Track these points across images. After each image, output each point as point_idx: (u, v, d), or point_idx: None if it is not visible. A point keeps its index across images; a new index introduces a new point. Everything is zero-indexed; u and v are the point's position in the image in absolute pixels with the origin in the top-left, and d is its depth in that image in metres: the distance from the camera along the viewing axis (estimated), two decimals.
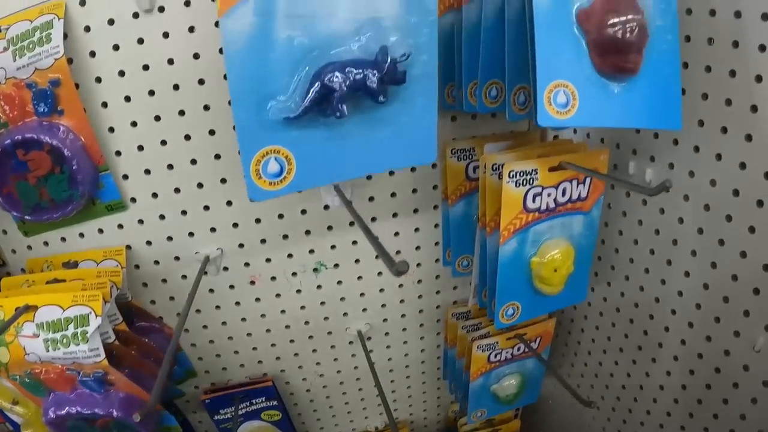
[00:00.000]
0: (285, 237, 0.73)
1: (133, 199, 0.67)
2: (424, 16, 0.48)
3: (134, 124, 0.64)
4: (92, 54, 0.61)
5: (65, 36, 0.58)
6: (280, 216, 0.72)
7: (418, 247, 0.79)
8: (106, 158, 0.65)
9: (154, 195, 0.68)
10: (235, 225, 0.71)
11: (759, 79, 0.51)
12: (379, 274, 0.79)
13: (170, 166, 0.67)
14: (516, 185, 0.61)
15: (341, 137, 0.49)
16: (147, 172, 0.66)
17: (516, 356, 0.81)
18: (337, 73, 0.46)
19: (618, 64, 0.52)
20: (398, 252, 0.78)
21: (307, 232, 0.73)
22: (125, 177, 0.66)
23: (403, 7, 0.47)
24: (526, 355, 0.81)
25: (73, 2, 0.59)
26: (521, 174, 0.60)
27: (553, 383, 0.95)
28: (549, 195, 0.63)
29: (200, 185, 0.68)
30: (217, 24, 0.62)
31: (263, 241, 0.73)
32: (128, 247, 0.70)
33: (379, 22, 0.47)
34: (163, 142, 0.65)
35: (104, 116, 0.63)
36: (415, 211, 0.76)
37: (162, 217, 0.69)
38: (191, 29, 0.61)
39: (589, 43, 0.51)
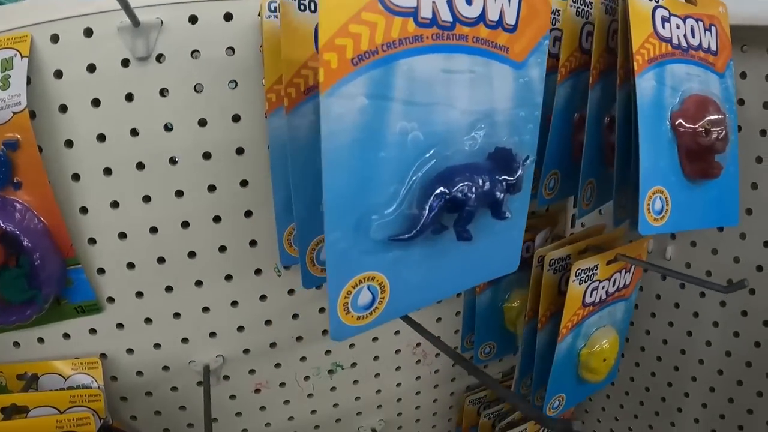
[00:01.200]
0: (299, 339, 0.48)
1: (111, 299, 0.40)
2: (530, 110, 0.30)
3: (115, 204, 0.38)
4: (63, 108, 0.35)
5: (28, 81, 0.33)
6: (295, 316, 0.46)
7: (438, 337, 0.59)
8: (77, 248, 0.38)
9: (139, 294, 0.41)
10: (241, 329, 0.45)
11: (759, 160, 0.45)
12: (398, 368, 0.54)
13: (161, 260, 0.40)
14: (580, 283, 0.42)
15: (438, 255, 0.29)
16: (130, 266, 0.40)
17: None
18: (466, 183, 0.26)
19: (707, 171, 0.37)
20: (418, 344, 0.54)
21: (324, 332, 0.48)
22: (101, 271, 0.39)
23: (514, 99, 0.29)
24: None
25: (42, 36, 0.34)
26: (585, 272, 0.42)
27: None
28: (603, 287, 0.44)
29: (199, 283, 0.42)
30: (233, 83, 0.38)
31: (273, 345, 0.47)
32: (103, 355, 0.42)
33: (492, 117, 0.29)
34: (153, 230, 0.39)
35: (75, 192, 0.37)
36: (439, 300, 0.59)
37: (148, 320, 0.42)
38: (198, 88, 0.37)
39: (680, 146, 0.36)
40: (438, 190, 0.26)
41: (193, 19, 0.36)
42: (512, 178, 0.28)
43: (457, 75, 0.27)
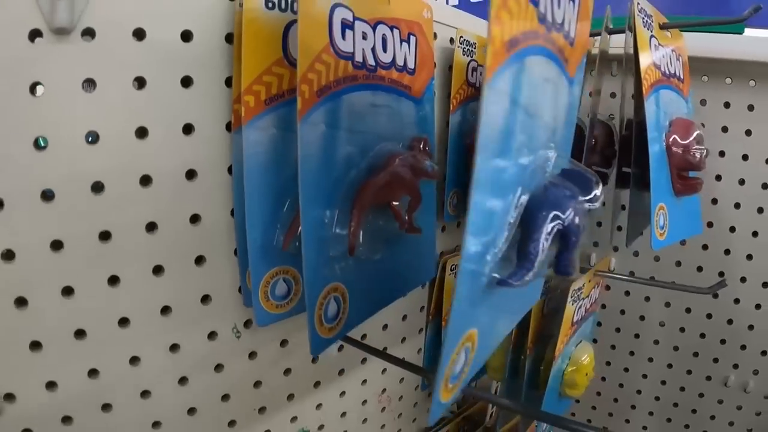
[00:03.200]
0: (262, 411, 0.41)
1: (10, 396, 0.30)
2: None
3: (9, 255, 0.28)
4: None
5: None
6: (257, 384, 0.40)
7: (402, 379, 0.54)
8: None
9: (51, 384, 0.30)
10: (192, 411, 0.37)
11: (719, 178, 0.58)
12: (364, 421, 0.51)
13: (80, 333, 0.30)
14: (573, 303, 0.47)
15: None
16: (36, 345, 0.29)
17: None
18: (570, 209, 0.26)
19: (695, 186, 0.46)
20: (384, 390, 0.52)
21: (290, 397, 0.43)
22: None
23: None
24: None
25: None
26: (577, 291, 0.47)
27: None
28: (583, 306, 0.50)
29: (135, 360, 0.33)
30: (186, 81, 0.31)
31: (232, 423, 0.40)
32: None
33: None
34: (67, 291, 0.29)
35: None
36: (403, 340, 0.52)
37: (67, 420, 0.31)
38: (138, 82, 0.30)
39: (672, 166, 0.44)
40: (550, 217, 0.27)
41: None
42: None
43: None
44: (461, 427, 0.61)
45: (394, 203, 0.34)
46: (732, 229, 0.58)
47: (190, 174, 0.33)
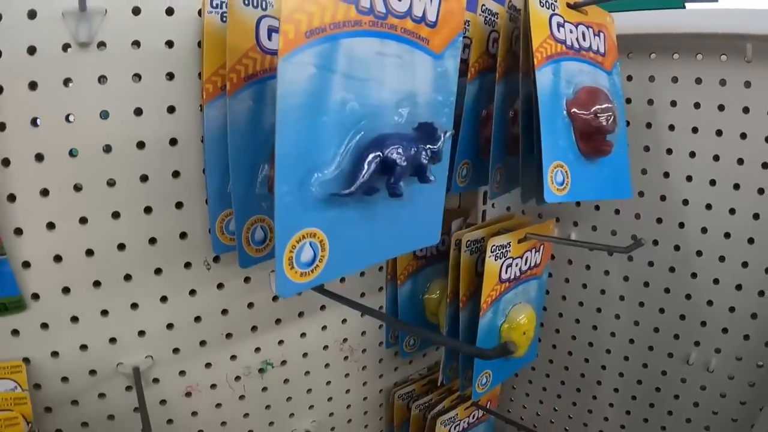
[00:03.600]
0: (228, 336, 0.54)
1: (36, 296, 0.44)
2: (446, 96, 0.41)
3: (45, 192, 0.43)
4: None
5: None
6: (224, 311, 0.53)
7: (363, 333, 0.65)
8: (2, 237, 0.42)
9: (66, 290, 0.45)
10: (170, 326, 0.50)
11: (669, 152, 0.62)
12: (326, 366, 0.62)
13: (90, 252, 0.45)
14: (495, 259, 0.55)
15: (370, 218, 0.38)
16: (57, 258, 0.44)
17: (471, 424, 0.71)
18: (398, 147, 0.35)
19: (598, 148, 0.52)
20: (345, 340, 0.63)
21: (254, 329, 0.55)
22: (26, 265, 0.43)
23: (433, 85, 0.40)
24: (480, 420, 0.72)
25: None
26: (500, 248, 0.55)
27: None
28: (517, 265, 0.58)
29: (128, 277, 0.47)
30: (169, 75, 0.46)
31: (203, 343, 0.53)
32: (26, 360, 0.45)
33: (415, 98, 0.39)
34: (83, 220, 0.44)
35: (4, 178, 0.41)
36: (362, 295, 0.63)
37: (75, 319, 0.46)
38: (136, 77, 0.44)
39: (575, 129, 0.51)
40: (372, 152, 0.35)
41: (136, 11, 0.44)
42: (435, 147, 0.39)
43: (388, 58, 0.37)
44: (428, 389, 0.70)
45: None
46: (685, 202, 0.62)
47: (173, 141, 0.47)
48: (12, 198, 0.42)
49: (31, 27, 0.40)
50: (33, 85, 0.41)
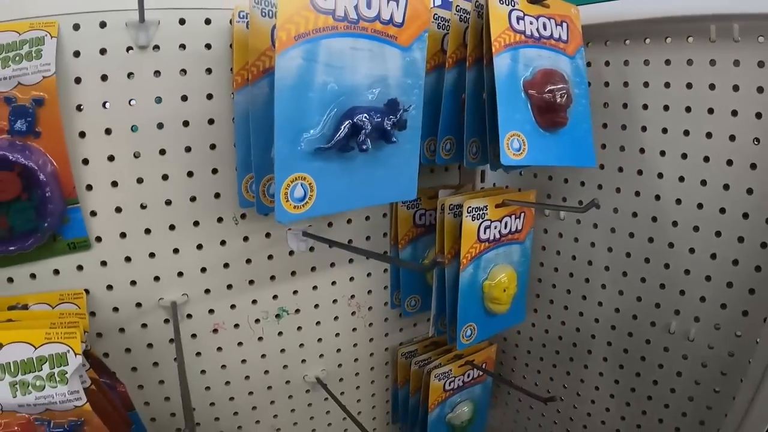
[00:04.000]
0: (251, 282, 0.67)
1: (99, 239, 0.58)
2: (415, 80, 0.56)
3: (111, 158, 0.58)
4: (77, 80, 0.55)
5: None
6: (248, 261, 0.66)
7: (369, 291, 0.76)
8: (77, 191, 0.56)
9: (122, 235, 0.59)
10: (203, 270, 0.64)
11: (644, 129, 0.69)
12: (336, 318, 0.74)
13: (143, 206, 0.60)
14: (473, 219, 0.66)
15: (351, 171, 0.53)
16: (118, 210, 0.59)
17: (467, 383, 0.80)
18: (364, 115, 0.51)
19: (553, 120, 0.63)
20: (353, 296, 0.75)
21: (272, 278, 0.68)
22: (93, 213, 0.58)
23: (402, 71, 0.55)
24: (476, 381, 0.81)
25: (66, 25, 0.54)
26: (476, 209, 0.66)
27: (495, 414, 0.97)
28: (495, 227, 0.68)
29: (172, 227, 0.62)
30: (208, 70, 0.60)
31: (230, 286, 0.66)
32: (86, 291, 0.59)
33: (386, 81, 0.54)
34: (140, 180, 0.59)
35: (80, 146, 0.56)
36: (368, 257, 0.76)
37: (128, 259, 0.60)
38: (183, 71, 0.59)
39: (533, 105, 0.62)
40: (346, 119, 0.51)
41: (182, 21, 0.60)
42: (396, 117, 0.54)
43: (360, 51, 0.52)
44: (430, 350, 0.80)
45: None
46: (660, 176, 0.69)
47: (210, 121, 0.62)
48: (86, 162, 0.57)
49: (103, 34, 0.56)
50: (104, 77, 0.57)
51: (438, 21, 0.68)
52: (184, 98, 0.61)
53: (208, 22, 0.60)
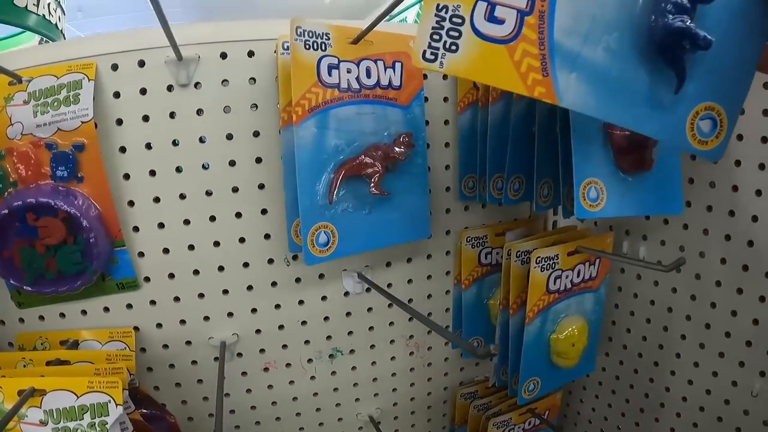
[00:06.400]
0: (304, 323, 0.59)
1: (147, 279, 0.53)
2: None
3: (157, 200, 0.51)
4: (119, 122, 0.49)
5: (93, 99, 0.47)
6: (301, 302, 0.58)
7: (429, 331, 0.66)
8: (124, 233, 0.51)
9: (171, 276, 0.53)
10: (254, 311, 0.57)
11: (738, 163, 0.52)
12: (392, 358, 0.65)
13: (191, 247, 0.53)
14: (541, 270, 0.53)
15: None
16: (165, 251, 0.53)
17: (527, 431, 0.69)
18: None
19: (637, 164, 0.48)
20: (411, 336, 0.65)
21: (326, 318, 0.60)
22: (141, 254, 0.52)
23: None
24: (537, 428, 0.69)
25: (104, 65, 0.48)
26: (546, 260, 0.53)
27: None
28: (567, 277, 0.55)
29: (221, 268, 0.55)
30: (254, 106, 0.52)
31: (281, 327, 0.58)
32: (136, 328, 0.54)
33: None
34: (187, 222, 0.52)
35: (125, 188, 0.51)
36: (429, 296, 0.64)
37: (177, 299, 0.54)
38: (226, 109, 0.51)
39: (612, 145, 0.48)
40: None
41: (223, 55, 0.51)
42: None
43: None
44: (491, 392, 0.68)
45: (366, 173, 0.51)
46: (755, 219, 0.52)
47: (258, 160, 0.54)
48: (131, 203, 0.51)
49: (142, 73, 0.50)
50: (146, 118, 0.50)
51: None
52: (230, 137, 0.52)
53: (251, 54, 0.51)
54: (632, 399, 0.67)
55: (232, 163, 0.53)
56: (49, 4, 0.98)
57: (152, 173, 0.51)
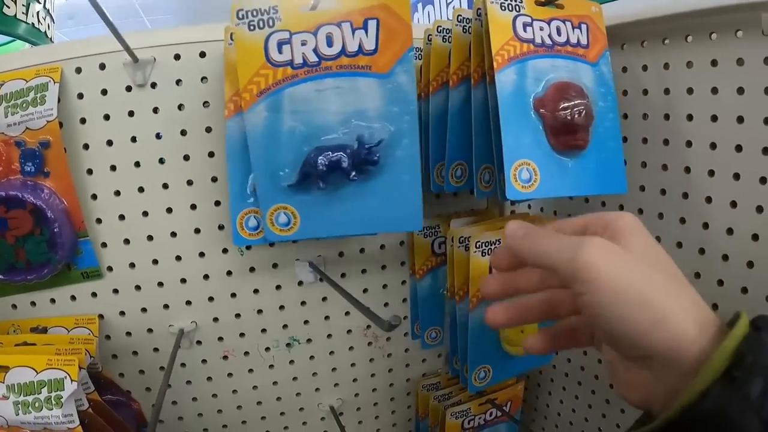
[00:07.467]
0: (259, 312, 0.61)
1: (110, 268, 0.56)
2: (405, 106, 0.47)
3: (117, 193, 0.54)
4: (83, 121, 0.53)
5: (59, 100, 0.51)
6: (256, 291, 0.60)
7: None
8: (87, 225, 0.54)
9: (132, 265, 0.56)
10: (211, 299, 0.59)
11: (689, 144, 0.51)
12: (351, 348, 0.66)
13: (150, 237, 0.56)
14: (482, 255, 0.54)
15: (340, 201, 0.48)
16: (126, 241, 0.55)
17: (489, 421, 0.68)
18: (319, 156, 0.46)
19: (570, 143, 0.49)
20: (368, 327, 0.66)
21: (281, 308, 0.62)
22: (104, 245, 0.55)
23: (385, 100, 0.46)
24: (499, 420, 0.69)
25: (69, 69, 0.52)
26: (487, 245, 0.54)
27: None
28: None
29: (179, 258, 0.57)
30: (206, 103, 0.55)
31: (238, 315, 0.60)
32: (101, 316, 0.57)
33: (364, 114, 0.46)
34: (145, 213, 0.55)
35: (88, 183, 0.54)
36: (384, 286, 0.65)
37: (138, 288, 0.57)
38: (180, 107, 0.54)
39: (545, 126, 0.49)
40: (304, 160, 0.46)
41: (177, 57, 0.54)
42: (354, 155, 0.46)
43: (327, 91, 0.46)
44: (454, 382, 0.68)
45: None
46: (708, 200, 0.51)
47: (211, 154, 0.56)
48: (94, 197, 0.55)
49: (103, 76, 0.53)
50: (107, 117, 0.54)
51: (443, 34, 0.55)
52: (183, 133, 0.56)
53: (203, 55, 0.55)
54: (598, 391, 0.66)
55: (186, 158, 0.56)
56: (38, 13, 1.03)
57: (113, 168, 0.54)
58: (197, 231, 0.57)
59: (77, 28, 3.39)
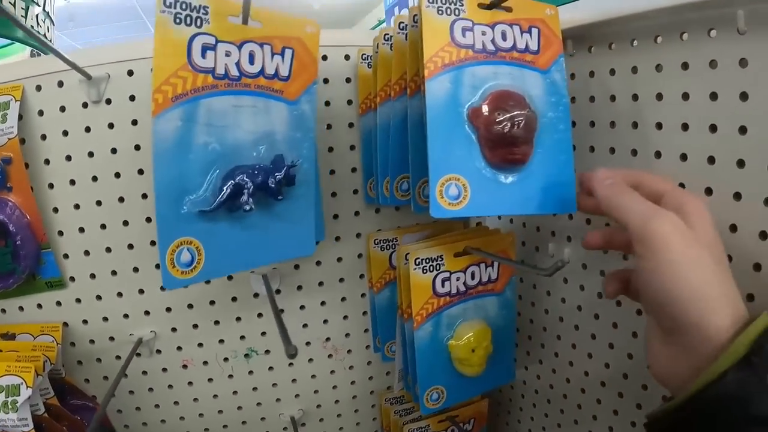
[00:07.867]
0: (216, 323, 0.62)
1: (72, 278, 0.58)
2: (305, 133, 0.47)
3: (77, 206, 0.56)
4: (43, 137, 0.55)
5: (20, 117, 0.53)
6: (212, 302, 0.61)
7: (347, 334, 0.66)
8: (49, 237, 0.56)
9: (92, 276, 0.58)
10: (168, 309, 0.60)
11: (634, 153, 0.48)
12: (310, 360, 0.66)
13: (108, 249, 0.58)
14: (423, 272, 0.52)
15: (244, 228, 0.45)
16: (86, 253, 0.57)
17: None
18: (245, 175, 0.44)
19: (507, 157, 0.45)
20: (328, 339, 0.65)
21: (238, 319, 0.62)
22: (66, 256, 0.57)
23: (290, 126, 0.46)
24: None
25: (30, 86, 0.54)
26: (427, 261, 0.52)
27: None
28: (458, 279, 0.54)
29: (136, 269, 0.59)
30: None
31: (195, 326, 0.61)
32: (65, 324, 0.59)
33: (273, 136, 0.46)
34: (103, 226, 0.57)
35: (50, 197, 0.56)
36: (343, 299, 0.65)
37: (99, 297, 0.59)
38: (134, 122, 0.55)
39: (480, 138, 0.45)
40: (227, 180, 0.43)
41: (130, 73, 0.55)
42: (281, 174, 0.45)
43: (244, 109, 0.45)
44: None
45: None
46: None
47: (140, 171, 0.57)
48: (56, 210, 0.57)
49: (61, 93, 0.55)
50: (65, 133, 0.56)
51: (390, 42, 0.53)
52: (137, 147, 0.57)
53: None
54: (566, 410, 0.62)
55: (140, 172, 0.57)
56: (37, 15, 1.06)
57: (72, 182, 0.56)
58: (152, 243, 0.59)
59: (77, 30, 3.45)
